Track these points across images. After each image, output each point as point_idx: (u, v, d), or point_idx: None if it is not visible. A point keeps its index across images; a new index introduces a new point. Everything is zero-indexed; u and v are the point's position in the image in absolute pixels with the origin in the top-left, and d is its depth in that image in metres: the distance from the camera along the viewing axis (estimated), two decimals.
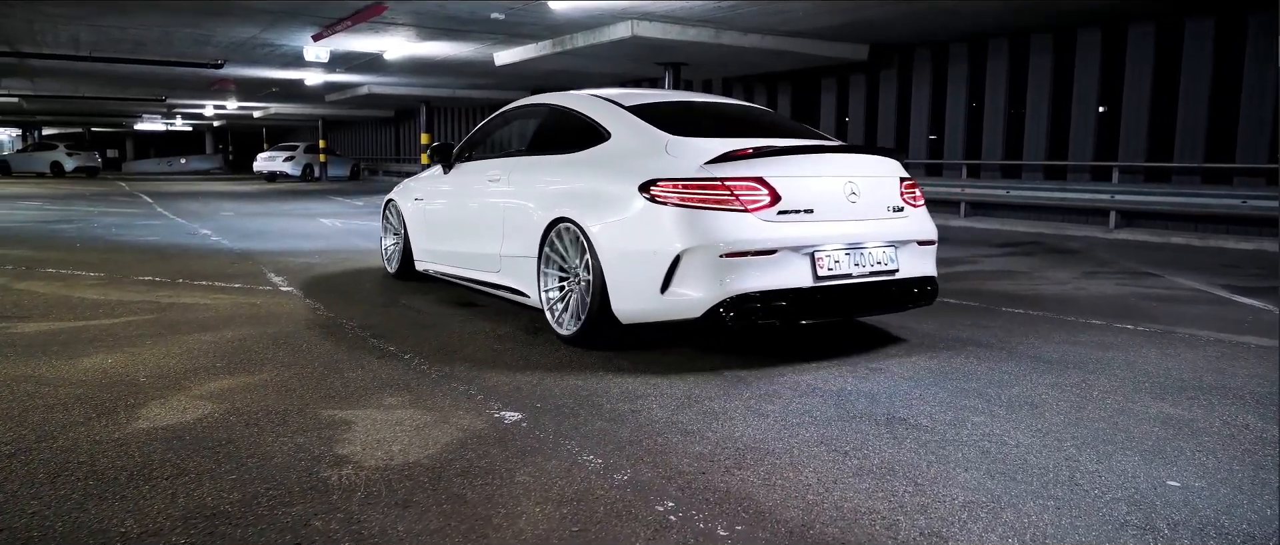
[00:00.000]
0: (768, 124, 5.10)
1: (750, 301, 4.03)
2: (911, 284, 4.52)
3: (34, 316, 5.29)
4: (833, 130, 16.52)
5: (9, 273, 7.11)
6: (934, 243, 4.73)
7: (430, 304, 5.90)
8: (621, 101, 4.99)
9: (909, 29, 12.87)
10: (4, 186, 24.52)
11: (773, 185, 4.14)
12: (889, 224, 4.48)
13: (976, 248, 10.14)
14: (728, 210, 4.05)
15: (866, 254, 4.32)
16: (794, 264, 4.11)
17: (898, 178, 4.70)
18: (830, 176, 4.35)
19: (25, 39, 14.33)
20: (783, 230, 4.10)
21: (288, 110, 32.60)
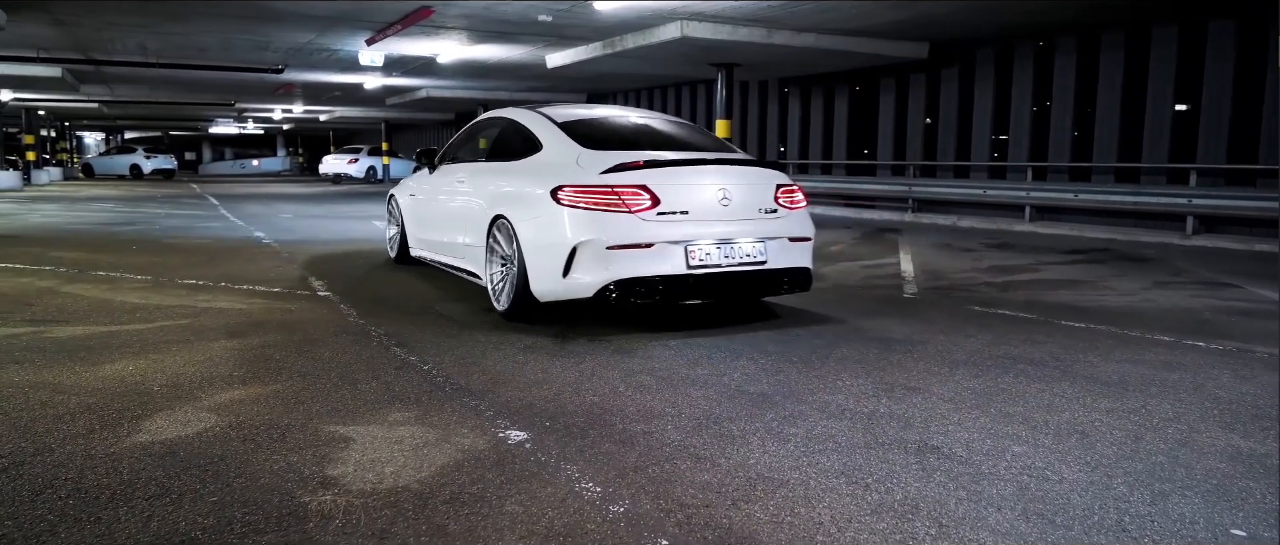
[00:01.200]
0: (680, 138, 5.94)
1: (631, 284, 4.95)
2: (781, 274, 5.35)
3: (72, 320, 5.35)
4: (891, 132, 16.05)
5: (61, 275, 7.26)
6: (808, 239, 5.52)
7: (464, 312, 5.81)
8: (555, 118, 5.88)
9: (972, 26, 12.39)
10: (85, 188, 25.53)
11: (654, 191, 5.01)
12: (759, 224, 5.29)
13: (1040, 255, 9.67)
14: (615, 211, 4.95)
15: (736, 248, 5.15)
16: (670, 255, 4.98)
17: (774, 184, 5.45)
18: (705, 184, 5.18)
19: (97, 47, 14.83)
20: (660, 228, 4.98)
21: (352, 114, 33.25)
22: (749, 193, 5.31)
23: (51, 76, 18.01)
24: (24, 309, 5.71)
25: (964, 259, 9.24)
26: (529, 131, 5.92)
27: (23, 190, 23.14)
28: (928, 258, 9.31)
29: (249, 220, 13.55)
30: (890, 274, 8.02)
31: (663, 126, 6.14)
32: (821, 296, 6.63)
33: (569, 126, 5.74)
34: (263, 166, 52.70)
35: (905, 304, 6.35)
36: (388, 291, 6.62)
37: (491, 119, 6.78)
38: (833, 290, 6.97)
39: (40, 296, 6.20)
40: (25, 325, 5.18)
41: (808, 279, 5.53)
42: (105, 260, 8.28)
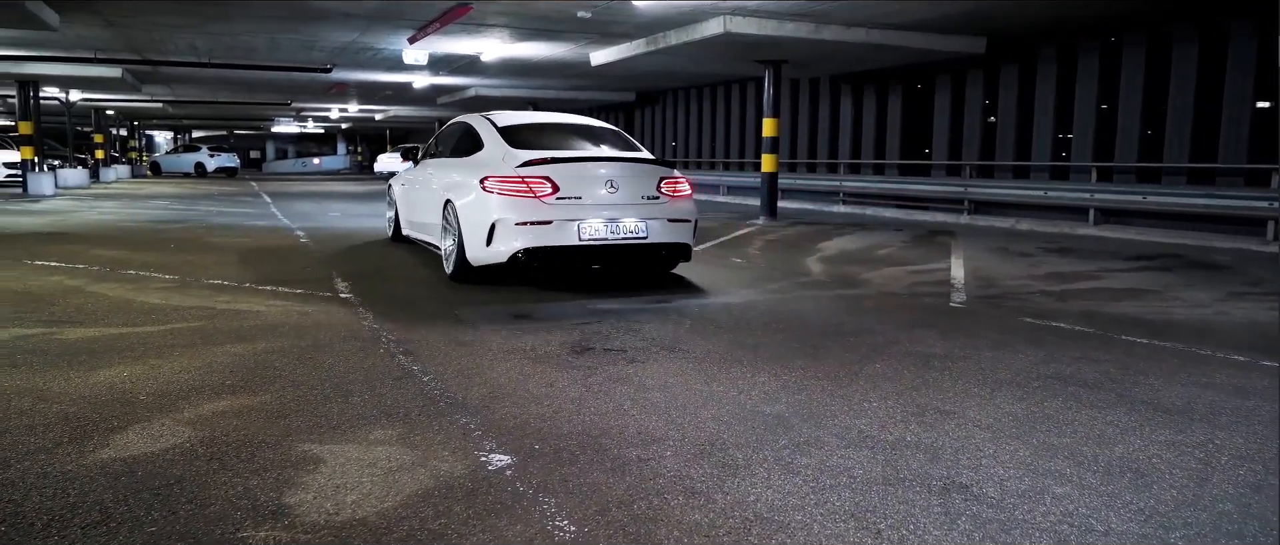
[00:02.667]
0: (593, 141, 7.25)
1: (535, 252, 6.37)
2: (660, 247, 6.71)
3: (87, 322, 5.28)
4: (947, 130, 15.44)
5: (92, 274, 7.27)
6: (687, 221, 6.83)
7: (483, 316, 5.59)
8: (497, 123, 7.26)
9: (1032, 19, 11.79)
10: (149, 186, 26.22)
11: (555, 181, 6.37)
12: (641, 207, 6.59)
13: (1103, 261, 9.09)
14: (523, 196, 6.35)
15: (620, 225, 6.48)
16: (566, 230, 6.35)
17: (658, 177, 6.75)
18: (597, 176, 6.51)
19: (150, 47, 15.10)
20: (558, 210, 6.35)
21: (405, 113, 33.58)
22: (634, 183, 6.62)
23: (112, 77, 18.44)
24: (44, 309, 5.67)
25: (1020, 265, 8.73)
26: (476, 133, 7.36)
27: (89, 187, 23.83)
28: (981, 263, 8.82)
29: (294, 218, 13.62)
30: (939, 281, 7.58)
31: (582, 131, 7.48)
32: (860, 305, 6.25)
33: (504, 130, 7.11)
34: (323, 165, 53.76)
35: (951, 315, 5.94)
36: (411, 292, 6.45)
37: (456, 123, 8.09)
38: (874, 298, 6.58)
39: (64, 295, 6.17)
40: (39, 326, 5.12)
41: (687, 252, 7.01)
42: (140, 259, 8.30)
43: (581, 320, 5.48)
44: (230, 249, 9.31)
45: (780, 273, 7.94)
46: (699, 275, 7.68)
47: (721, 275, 7.73)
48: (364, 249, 9.37)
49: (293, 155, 60.86)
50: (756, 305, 6.19)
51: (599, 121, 7.83)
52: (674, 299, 6.37)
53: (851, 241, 10.95)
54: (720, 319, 5.65)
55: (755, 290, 6.91)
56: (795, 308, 6.11)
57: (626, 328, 5.28)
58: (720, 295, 6.60)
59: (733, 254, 9.37)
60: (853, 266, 8.47)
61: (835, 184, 17.12)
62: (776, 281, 7.39)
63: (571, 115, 7.98)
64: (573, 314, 5.69)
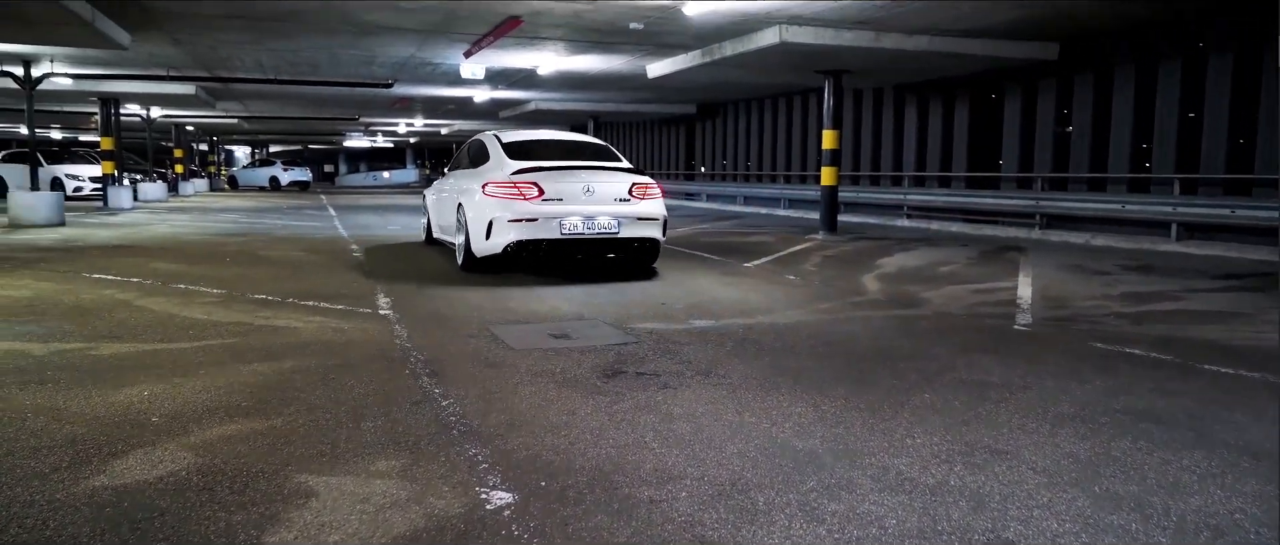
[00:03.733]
0: (580, 151, 8.64)
1: (524, 244, 7.73)
2: (630, 240, 7.97)
3: (124, 337, 5.29)
4: (1017, 141, 14.80)
5: (144, 288, 7.37)
6: (654, 218, 8.06)
7: (521, 334, 5.44)
8: (502, 139, 8.67)
9: (1109, 22, 11.19)
10: (224, 200, 27.07)
11: (541, 185, 7.76)
12: (614, 207, 7.88)
13: (1187, 279, 8.49)
14: (514, 199, 7.74)
15: (596, 222, 7.78)
16: (550, 225, 7.69)
17: (630, 182, 8.02)
18: (576, 181, 7.87)
19: (219, 64, 15.53)
20: (544, 208, 7.70)
21: (469, 127, 34.02)
22: (608, 187, 7.94)
23: (187, 94, 19.07)
24: (89, 323, 5.73)
25: (1094, 283, 8.21)
26: (486, 148, 8.79)
27: (166, 201, 24.69)
28: (1051, 282, 8.32)
29: (353, 231, 13.78)
30: (1003, 300, 7.15)
31: (572, 145, 8.87)
32: (916, 327, 5.90)
33: (506, 145, 8.53)
34: (393, 178, 54.90)
35: (1014, 338, 5.54)
36: (452, 309, 6.34)
37: (474, 140, 9.38)
38: (932, 319, 6.21)
39: (112, 309, 6.24)
40: (78, 341, 5.15)
41: (655, 246, 8.24)
42: (195, 272, 8.42)
43: (619, 342, 5.28)
44: (283, 262, 9.39)
45: (834, 291, 7.61)
46: (748, 293, 7.41)
47: (772, 293, 7.44)
48: (411, 257, 9.36)
49: (364, 169, 62.38)
50: (804, 326, 5.89)
51: (589, 138, 9.22)
52: (721, 319, 6.12)
53: (913, 258, 10.51)
54: (764, 340, 5.38)
55: (805, 310, 6.60)
56: (845, 329, 5.80)
57: (665, 350, 5.06)
58: (768, 315, 6.33)
59: (787, 271, 9.06)
60: (912, 285, 8.08)
61: (899, 197, 16.60)
62: (829, 300, 7.07)
63: (567, 133, 9.50)
64: (610, 337, 5.49)
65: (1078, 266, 9.61)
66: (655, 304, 6.75)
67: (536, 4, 9.84)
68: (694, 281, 8.10)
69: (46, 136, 39.83)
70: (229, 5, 10.29)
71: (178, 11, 10.68)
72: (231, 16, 10.98)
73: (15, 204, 14.29)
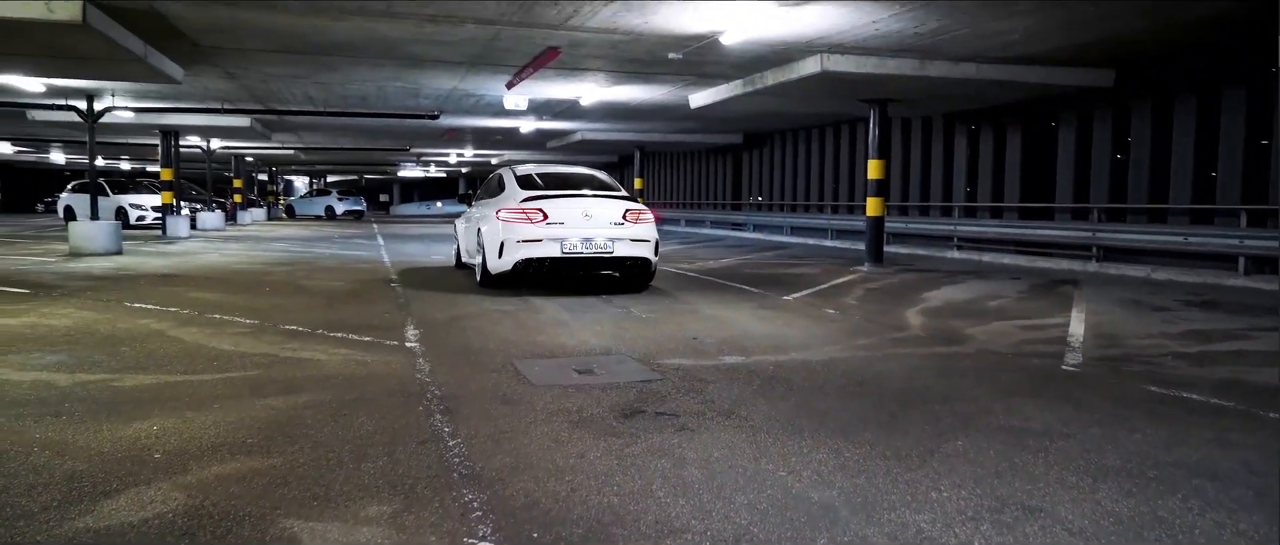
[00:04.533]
0: (582, 182, 9.78)
1: (531, 262, 8.83)
2: (623, 259, 9.00)
3: (149, 368, 5.31)
4: (1071, 170, 14.32)
5: (179, 318, 7.44)
6: (647, 241, 9.08)
7: (544, 369, 5.32)
8: (516, 172, 9.87)
9: (1168, 46, 10.78)
10: (279, 228, 27.69)
11: (546, 210, 8.87)
12: (610, 230, 8.89)
13: (1255, 317, 8.02)
14: (523, 222, 8.85)
15: (593, 242, 8.82)
16: (552, 246, 8.77)
17: (624, 208, 9.09)
18: (576, 207, 8.96)
19: (271, 98, 15.90)
20: (548, 231, 8.79)
21: (518, 157, 34.36)
22: (605, 212, 9.03)
23: (242, 126, 19.58)
24: (118, 353, 5.77)
25: (1152, 320, 7.80)
26: (502, 180, 9.99)
27: (223, 230, 25.33)
28: (1105, 318, 7.93)
29: (397, 260, 13.90)
30: (1053, 338, 6.81)
31: (576, 176, 10.02)
32: (956, 366, 5.62)
33: (519, 177, 9.77)
34: (445, 208, 55.74)
35: (1060, 380, 5.24)
36: (480, 341, 6.25)
37: (494, 173, 10.54)
38: (974, 358, 5.93)
39: (144, 339, 6.29)
40: (103, 372, 5.17)
41: (648, 265, 9.24)
42: (233, 302, 8.50)
43: (642, 379, 5.12)
44: (321, 292, 9.45)
45: (874, 326, 7.35)
46: (783, 328, 7.20)
47: (809, 328, 7.21)
48: (447, 287, 9.33)
49: (417, 198, 63.50)
50: (838, 364, 5.66)
51: (592, 171, 10.36)
52: (752, 355, 5.92)
53: (960, 291, 10.16)
54: (794, 379, 5.16)
55: (841, 346, 6.37)
56: (881, 368, 5.55)
57: (690, 388, 4.88)
58: (801, 351, 6.11)
59: (827, 304, 8.81)
60: (957, 320, 7.77)
61: (949, 228, 16.18)
62: (868, 336, 6.82)
63: (574, 167, 10.67)
64: (635, 374, 5.33)
65: (1135, 302, 9.17)
66: (687, 338, 6.58)
67: (574, 34, 9.85)
68: (730, 314, 7.91)
69: (115, 167, 41.39)
70: (274, 40, 10.51)
71: (226, 47, 10.94)
72: (278, 51, 11.21)
73: (75, 233, 14.75)
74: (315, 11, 8.95)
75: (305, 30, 9.86)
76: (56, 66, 11.22)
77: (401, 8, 8.79)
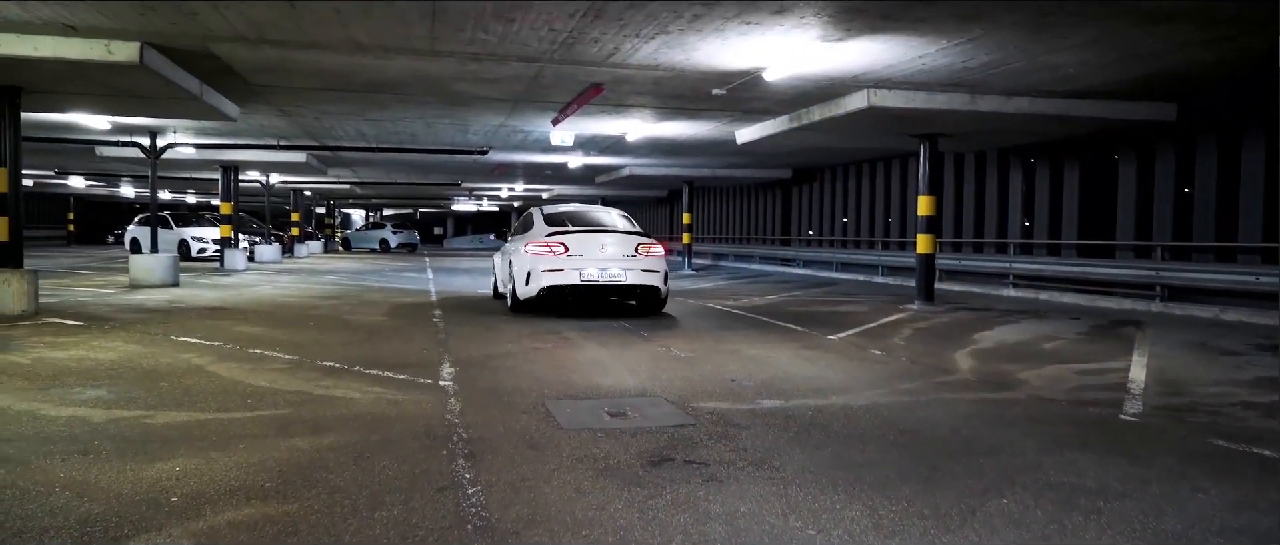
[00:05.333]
0: (598, 220, 11.30)
1: (553, 289, 10.06)
2: (635, 288, 10.31)
3: (184, 405, 5.33)
4: (1133, 206, 13.80)
5: (220, 353, 7.52)
6: (656, 271, 10.40)
7: (576, 412, 5.20)
8: (544, 210, 11.19)
9: (1231, 78, 10.35)
10: (333, 261, 28.23)
11: (567, 244, 10.18)
12: (623, 261, 10.21)
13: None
14: (548, 255, 10.14)
15: (608, 272, 10.11)
16: (573, 275, 10.06)
17: (636, 242, 10.42)
18: (593, 241, 10.30)
19: (325, 134, 16.25)
20: (569, 261, 10.08)
21: (569, 191, 34.60)
22: (619, 246, 10.34)
23: (298, 161, 20.04)
24: (155, 389, 5.82)
25: (1221, 366, 7.38)
26: (532, 217, 11.26)
27: (279, 262, 25.89)
28: (1169, 363, 7.53)
29: (443, 293, 13.99)
30: (1112, 384, 6.47)
31: (594, 214, 11.63)
32: (1006, 414, 5.35)
33: (546, 215, 11.08)
34: (496, 241, 56.46)
35: (1118, 431, 4.94)
36: (515, 381, 6.17)
37: (526, 212, 11.80)
38: (1025, 405, 5.64)
39: (182, 375, 6.35)
40: (139, 409, 5.20)
41: (657, 292, 10.53)
42: (275, 336, 8.58)
43: (676, 424, 4.97)
44: (363, 327, 9.50)
45: (920, 369, 7.08)
46: (826, 369, 6.98)
47: (852, 370, 6.98)
48: (489, 323, 9.30)
49: (470, 231, 64.35)
50: (880, 409, 5.44)
51: (612, 210, 11.90)
52: (791, 399, 5.73)
53: (1014, 332, 9.79)
54: (833, 425, 4.96)
55: (885, 390, 6.13)
56: (925, 414, 5.31)
57: (723, 434, 4.72)
58: (843, 395, 5.89)
59: (873, 344, 8.54)
60: (1009, 364, 7.45)
61: (1004, 265, 15.70)
62: (913, 380, 6.56)
63: (596, 207, 12.22)
64: (668, 418, 5.19)
65: (1202, 345, 8.71)
66: (725, 380, 6.41)
67: (616, 71, 9.85)
68: (771, 355, 7.72)
69: (181, 200, 42.82)
70: (323, 79, 10.72)
71: (278, 85, 11.19)
72: (327, 89, 11.44)
73: (134, 266, 15.18)
74: (361, 51, 9.10)
75: (352, 69, 10.04)
76: (117, 105, 11.60)
77: (446, 46, 8.88)
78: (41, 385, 5.88)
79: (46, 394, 5.60)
